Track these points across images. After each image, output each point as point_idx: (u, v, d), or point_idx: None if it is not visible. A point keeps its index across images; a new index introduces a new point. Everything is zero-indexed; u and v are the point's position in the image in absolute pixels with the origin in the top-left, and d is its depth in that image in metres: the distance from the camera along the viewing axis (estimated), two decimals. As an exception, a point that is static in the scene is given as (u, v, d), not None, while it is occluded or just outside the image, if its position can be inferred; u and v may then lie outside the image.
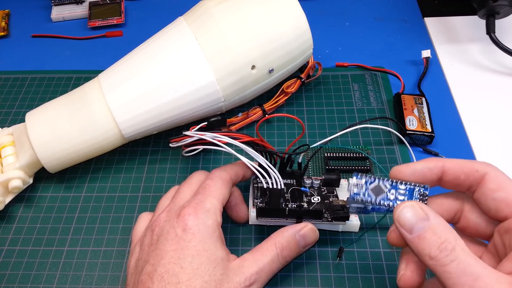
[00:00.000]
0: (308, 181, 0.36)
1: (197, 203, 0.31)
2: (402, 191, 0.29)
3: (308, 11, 0.41)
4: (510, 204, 0.25)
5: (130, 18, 0.59)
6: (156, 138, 0.44)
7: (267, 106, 0.44)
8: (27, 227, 0.39)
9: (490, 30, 0.48)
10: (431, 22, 0.55)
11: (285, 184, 0.36)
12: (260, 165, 0.33)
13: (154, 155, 0.43)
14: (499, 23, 0.49)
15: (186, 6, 0.43)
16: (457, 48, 0.52)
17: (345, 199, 0.35)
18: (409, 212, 0.25)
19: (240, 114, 0.44)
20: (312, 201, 0.35)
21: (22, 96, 0.49)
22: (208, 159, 0.43)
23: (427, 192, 0.28)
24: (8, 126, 0.41)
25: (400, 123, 0.43)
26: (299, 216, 0.34)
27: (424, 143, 0.42)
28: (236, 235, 0.37)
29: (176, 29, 0.40)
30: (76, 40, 0.56)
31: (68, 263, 0.36)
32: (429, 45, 0.53)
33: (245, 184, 0.39)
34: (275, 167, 0.35)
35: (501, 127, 0.44)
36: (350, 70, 0.50)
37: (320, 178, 0.37)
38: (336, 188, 0.36)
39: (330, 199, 0.35)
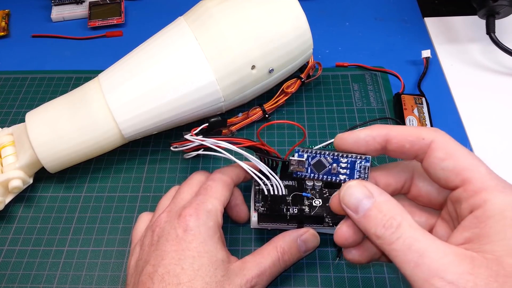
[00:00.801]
0: (309, 184, 0.36)
1: (198, 204, 0.31)
2: (343, 165, 0.27)
3: (308, 11, 0.41)
4: (459, 173, 0.23)
5: (130, 18, 0.59)
6: (156, 138, 0.44)
7: (267, 106, 0.44)
8: (27, 227, 0.39)
9: (490, 30, 0.48)
10: (431, 22, 0.55)
11: (286, 186, 0.36)
12: (261, 171, 0.33)
13: (154, 155, 0.43)
14: (499, 23, 0.49)
15: (186, 6, 0.43)
16: (457, 48, 0.52)
17: None
18: (353, 192, 0.24)
19: (240, 114, 0.44)
20: (314, 204, 0.35)
21: (22, 96, 0.49)
22: (208, 159, 0.43)
23: (368, 165, 0.27)
24: (8, 126, 0.41)
25: (400, 123, 0.42)
26: (300, 221, 0.34)
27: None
28: (236, 235, 0.37)
29: (176, 29, 0.40)
30: (76, 40, 0.56)
31: (68, 263, 0.36)
32: (429, 45, 0.53)
33: (245, 184, 0.39)
34: (276, 170, 0.35)
35: (501, 127, 0.44)
36: (350, 70, 0.50)
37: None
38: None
39: None
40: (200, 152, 0.35)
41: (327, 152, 0.28)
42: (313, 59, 0.46)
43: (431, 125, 0.42)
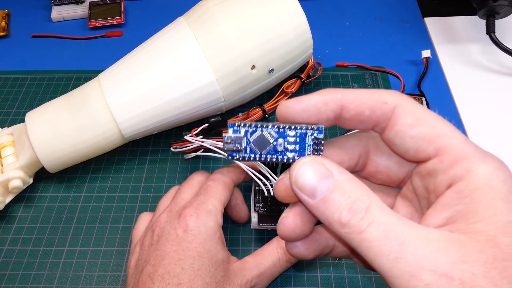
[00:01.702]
0: None
1: (198, 204, 0.31)
2: (291, 139, 0.21)
3: (308, 11, 0.41)
4: (433, 140, 0.19)
5: (130, 18, 0.59)
6: (156, 138, 0.44)
7: (267, 106, 0.44)
8: (27, 227, 0.39)
9: (490, 30, 0.48)
10: (431, 22, 0.55)
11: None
12: (261, 172, 0.33)
13: (154, 155, 0.43)
14: (499, 23, 0.49)
15: (186, 6, 0.43)
16: (457, 48, 0.52)
17: None
18: (307, 172, 0.19)
19: (240, 114, 0.44)
20: None
21: (22, 96, 0.49)
22: (208, 159, 0.43)
23: (321, 137, 0.21)
24: (8, 126, 0.41)
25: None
26: None
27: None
28: (236, 235, 0.37)
29: (176, 29, 0.40)
30: (76, 40, 0.56)
31: (68, 263, 0.36)
32: (429, 45, 0.53)
33: (245, 184, 0.39)
34: (276, 170, 0.35)
35: (501, 127, 0.44)
36: (350, 70, 0.50)
37: None
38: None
39: None
40: (200, 153, 0.35)
41: (270, 125, 0.21)
42: (313, 59, 0.46)
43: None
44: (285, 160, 0.22)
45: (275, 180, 0.33)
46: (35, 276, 0.36)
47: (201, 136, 0.34)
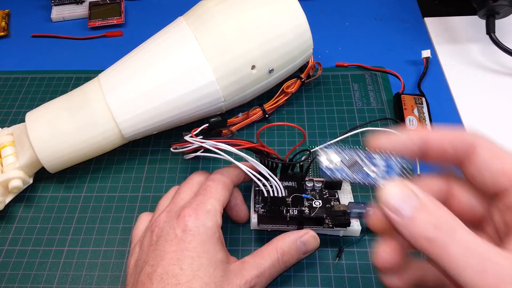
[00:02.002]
0: (309, 184, 0.36)
1: (197, 204, 0.31)
2: (381, 166, 0.25)
3: (308, 11, 0.41)
4: (509, 174, 0.22)
5: (130, 18, 0.59)
6: (156, 138, 0.44)
7: (267, 106, 0.44)
8: (27, 227, 0.39)
9: (490, 30, 0.48)
10: (431, 22, 0.55)
11: (286, 187, 0.36)
12: (260, 173, 0.33)
13: (154, 155, 0.43)
14: (499, 23, 0.49)
15: (186, 6, 0.43)
16: (457, 48, 0.52)
17: (346, 203, 0.35)
18: (395, 193, 0.21)
19: (240, 114, 0.44)
20: (314, 205, 0.35)
21: (22, 96, 0.49)
22: (208, 159, 0.43)
23: (407, 165, 0.25)
24: (8, 126, 0.41)
25: (400, 123, 0.43)
26: (300, 222, 0.34)
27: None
28: (236, 235, 0.37)
29: (176, 29, 0.40)
30: (76, 40, 0.56)
31: (68, 263, 0.36)
32: (429, 45, 0.53)
33: (245, 185, 0.39)
34: (276, 171, 0.35)
35: (501, 127, 0.44)
36: (350, 70, 0.50)
37: (322, 180, 0.37)
38: (338, 191, 0.36)
39: (332, 203, 0.35)
40: (200, 153, 0.35)
41: (361, 150, 0.25)
42: (313, 59, 0.46)
43: (431, 125, 0.42)
44: (374, 183, 0.25)
45: (275, 180, 0.33)
46: (35, 276, 0.36)
47: (201, 137, 0.34)
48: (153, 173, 0.42)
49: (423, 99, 0.45)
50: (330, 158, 0.25)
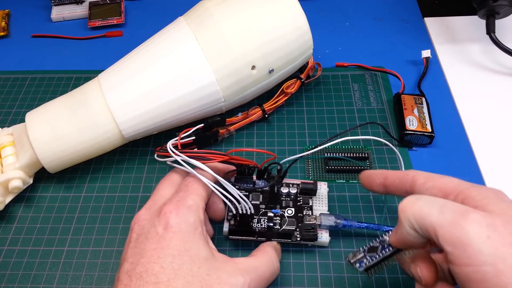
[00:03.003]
0: (284, 191, 0.37)
1: (178, 200, 0.31)
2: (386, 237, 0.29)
3: (308, 11, 0.41)
4: (440, 188, 0.27)
5: (130, 18, 0.59)
6: (156, 138, 0.44)
7: (267, 106, 0.44)
8: (27, 227, 0.39)
9: (490, 30, 0.48)
10: (431, 22, 0.55)
11: (261, 191, 0.37)
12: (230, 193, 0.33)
13: (154, 155, 0.43)
14: (499, 23, 0.49)
15: (186, 6, 0.43)
16: (457, 48, 0.52)
17: (318, 214, 0.35)
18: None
19: (239, 114, 0.44)
20: (286, 214, 0.35)
21: (22, 96, 0.49)
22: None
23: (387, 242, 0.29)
24: (8, 126, 0.41)
25: (386, 129, 0.43)
26: (269, 237, 0.35)
27: (424, 143, 0.42)
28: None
29: (176, 29, 0.40)
30: (76, 40, 0.56)
31: (68, 263, 0.36)
32: (429, 45, 0.53)
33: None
34: (253, 173, 0.35)
35: (501, 127, 0.44)
36: (350, 70, 0.50)
37: (298, 184, 0.37)
38: (313, 197, 0.37)
39: (304, 213, 0.36)
40: (169, 162, 0.35)
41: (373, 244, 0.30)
42: (312, 60, 0.46)
43: (431, 125, 0.42)
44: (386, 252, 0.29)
45: (244, 201, 0.33)
46: (35, 276, 0.36)
47: (179, 149, 0.34)
48: (153, 173, 0.42)
49: (423, 99, 0.45)
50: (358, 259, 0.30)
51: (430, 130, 0.42)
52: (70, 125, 0.38)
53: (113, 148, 0.41)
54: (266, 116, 0.45)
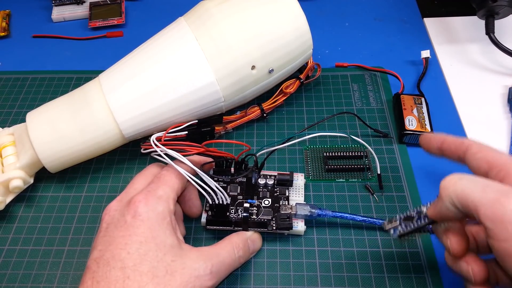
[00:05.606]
0: (262, 182, 0.37)
1: (148, 191, 0.32)
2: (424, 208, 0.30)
3: (308, 11, 0.41)
4: (489, 160, 0.28)
5: (130, 19, 0.59)
6: (156, 138, 0.45)
7: (266, 105, 0.45)
8: (28, 226, 0.39)
9: (490, 31, 0.48)
10: (430, 23, 0.56)
11: (239, 182, 0.37)
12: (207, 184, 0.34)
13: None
14: (499, 23, 0.49)
15: (186, 6, 0.43)
16: (457, 48, 0.52)
17: (294, 204, 0.36)
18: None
19: (238, 113, 0.45)
20: (262, 204, 0.36)
21: (22, 96, 0.49)
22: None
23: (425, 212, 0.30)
24: (9, 126, 0.42)
25: (364, 121, 0.43)
26: (246, 226, 0.35)
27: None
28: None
29: (176, 30, 0.40)
30: (76, 40, 0.56)
31: (69, 263, 0.36)
32: (429, 45, 0.53)
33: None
34: (231, 165, 0.36)
35: (501, 127, 0.44)
36: (349, 70, 0.50)
37: (275, 175, 0.38)
38: (290, 188, 0.38)
39: (280, 203, 0.36)
40: (153, 154, 0.36)
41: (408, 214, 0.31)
42: (312, 60, 0.46)
43: (431, 125, 0.42)
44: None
45: (220, 191, 0.34)
46: (36, 276, 0.36)
47: (160, 142, 0.35)
48: (153, 173, 0.42)
49: (423, 99, 0.45)
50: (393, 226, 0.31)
51: (430, 130, 0.42)
52: (71, 125, 0.38)
53: (113, 148, 0.41)
54: (265, 115, 0.45)
